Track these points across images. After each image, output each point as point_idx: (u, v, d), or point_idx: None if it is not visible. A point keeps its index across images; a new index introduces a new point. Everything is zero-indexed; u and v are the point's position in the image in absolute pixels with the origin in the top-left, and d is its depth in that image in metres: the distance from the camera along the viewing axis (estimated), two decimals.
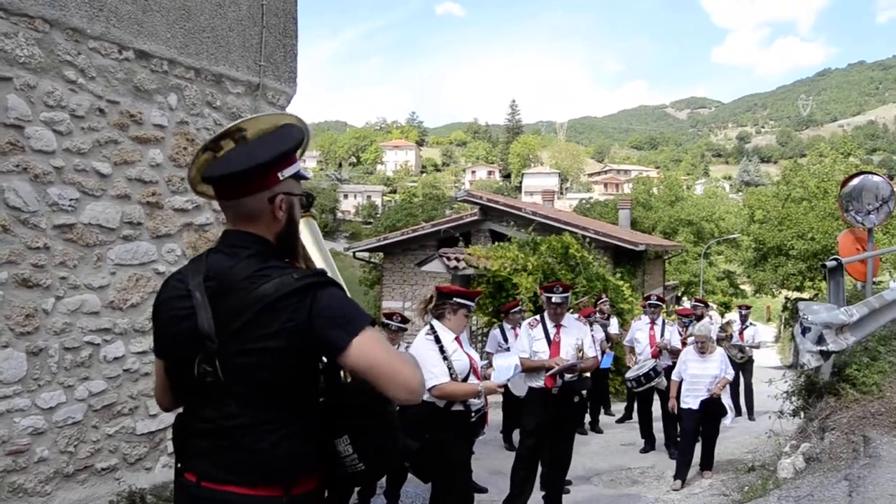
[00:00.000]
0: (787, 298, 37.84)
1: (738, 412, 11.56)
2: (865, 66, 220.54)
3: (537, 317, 5.87)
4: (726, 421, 7.31)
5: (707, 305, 10.96)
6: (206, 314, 1.80)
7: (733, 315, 35.45)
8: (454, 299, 4.42)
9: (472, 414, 4.31)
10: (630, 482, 7.33)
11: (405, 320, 6.54)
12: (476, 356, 4.58)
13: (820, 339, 5.03)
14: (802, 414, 5.91)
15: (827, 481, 4.09)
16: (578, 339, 5.69)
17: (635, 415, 9.65)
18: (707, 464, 7.34)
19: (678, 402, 7.30)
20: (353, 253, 24.70)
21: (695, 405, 7.02)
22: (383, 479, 6.29)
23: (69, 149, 4.31)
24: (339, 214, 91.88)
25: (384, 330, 6.52)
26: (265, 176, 1.88)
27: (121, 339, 4.68)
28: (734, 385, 11.62)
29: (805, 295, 35.18)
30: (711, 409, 7.05)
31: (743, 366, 11.33)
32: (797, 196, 33.57)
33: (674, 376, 7.53)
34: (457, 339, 4.36)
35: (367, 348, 1.77)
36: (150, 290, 4.81)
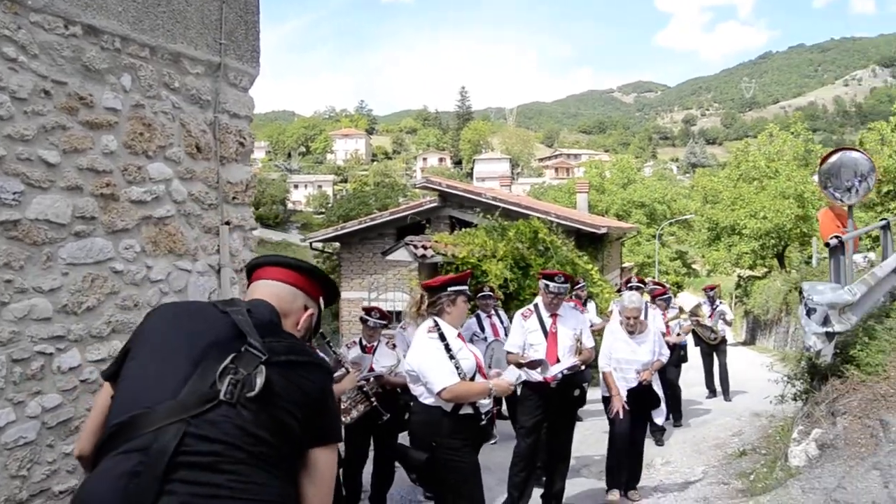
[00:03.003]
0: (739, 277, 38.60)
1: (714, 393, 11.53)
2: (805, 49, 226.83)
3: (531, 307, 5.52)
4: (656, 418, 6.27)
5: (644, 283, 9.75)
6: (254, 334, 1.74)
7: (693, 297, 35.69)
8: (449, 289, 4.04)
9: (483, 416, 3.96)
10: None
11: (384, 315, 6.13)
12: (479, 353, 4.23)
13: (825, 321, 4.83)
14: (805, 398, 5.71)
15: (854, 471, 3.86)
16: (576, 330, 5.38)
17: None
18: (633, 481, 6.09)
19: (607, 401, 5.90)
20: (310, 243, 24.13)
21: (623, 396, 5.83)
22: (367, 484, 5.93)
23: (11, 135, 3.81)
24: (290, 205, 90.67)
25: (363, 326, 6.12)
26: (314, 284, 2.10)
27: (76, 347, 4.21)
28: (708, 366, 11.60)
29: (757, 273, 35.88)
30: (640, 400, 5.86)
31: (717, 346, 11.25)
32: (748, 176, 34.16)
33: (602, 364, 6.01)
34: (459, 335, 4.00)
35: (332, 463, 1.83)
36: (107, 290, 4.35)
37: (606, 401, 6.00)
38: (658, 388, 6.01)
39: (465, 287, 4.13)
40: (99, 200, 4.32)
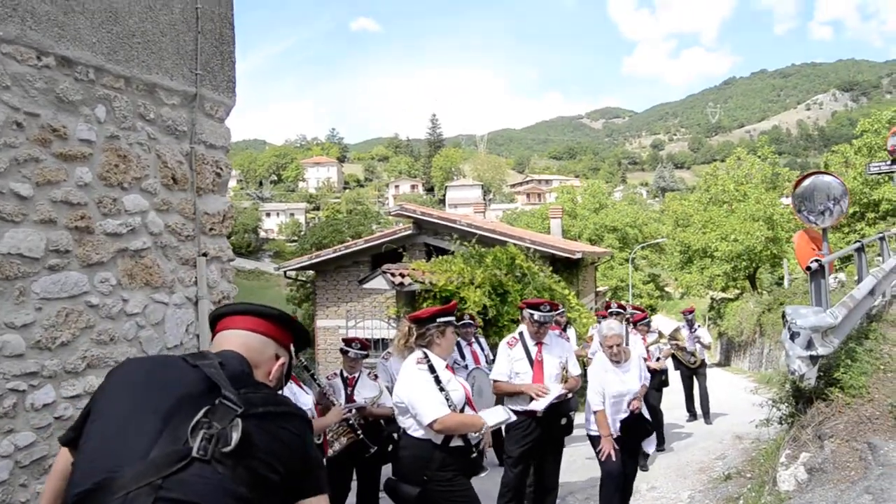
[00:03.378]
0: (712, 299, 39.05)
1: (694, 416, 11.54)
2: (767, 74, 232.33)
3: (516, 335, 5.49)
4: (647, 448, 5.97)
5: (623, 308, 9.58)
6: (229, 386, 1.65)
7: (667, 319, 35.85)
8: (438, 320, 3.98)
9: (473, 448, 3.90)
10: None
11: (365, 346, 6.05)
12: (467, 385, 4.18)
13: (809, 344, 4.85)
14: (791, 421, 5.72)
15: (846, 496, 3.85)
16: (562, 358, 5.35)
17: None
18: None
19: (596, 440, 5.41)
20: (285, 272, 23.95)
21: (616, 431, 5.40)
22: None
23: None
24: (263, 233, 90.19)
25: (343, 357, 6.02)
26: (286, 333, 2.03)
27: (50, 383, 4.10)
28: (689, 390, 11.62)
29: (729, 295, 36.32)
30: (633, 431, 5.46)
31: (696, 370, 11.27)
32: (718, 200, 34.75)
33: (593, 402, 5.44)
34: (447, 366, 3.94)
35: None
36: (82, 325, 4.25)
37: (594, 440, 5.53)
38: (647, 414, 5.74)
39: (453, 318, 4.10)
40: (73, 233, 4.24)
